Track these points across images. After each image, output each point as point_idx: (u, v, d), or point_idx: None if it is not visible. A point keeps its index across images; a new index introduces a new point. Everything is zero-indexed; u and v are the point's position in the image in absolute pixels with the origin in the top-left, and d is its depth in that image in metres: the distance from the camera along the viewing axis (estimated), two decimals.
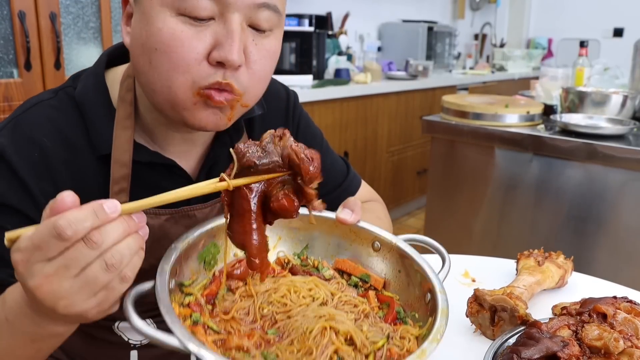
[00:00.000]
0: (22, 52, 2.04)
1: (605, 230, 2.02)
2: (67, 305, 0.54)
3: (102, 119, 0.82)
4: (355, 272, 0.78)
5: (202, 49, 0.70)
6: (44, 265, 0.53)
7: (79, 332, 0.71)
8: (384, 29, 4.64)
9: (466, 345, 0.83)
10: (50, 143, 0.79)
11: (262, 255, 0.64)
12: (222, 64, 0.71)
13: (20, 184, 0.76)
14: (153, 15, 0.70)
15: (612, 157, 1.94)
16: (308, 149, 0.63)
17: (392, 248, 0.77)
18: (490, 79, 4.84)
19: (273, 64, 0.78)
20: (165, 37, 0.69)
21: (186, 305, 0.66)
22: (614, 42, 5.75)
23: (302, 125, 1.06)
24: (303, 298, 0.69)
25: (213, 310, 0.68)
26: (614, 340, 0.70)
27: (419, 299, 0.72)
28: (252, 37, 0.73)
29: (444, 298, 0.67)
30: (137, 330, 0.53)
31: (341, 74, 3.50)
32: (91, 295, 0.55)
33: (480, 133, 2.26)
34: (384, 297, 0.75)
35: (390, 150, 3.80)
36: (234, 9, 0.70)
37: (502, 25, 6.40)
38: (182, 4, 0.69)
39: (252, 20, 0.72)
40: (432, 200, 2.56)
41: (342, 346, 0.63)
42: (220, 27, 0.70)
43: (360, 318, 0.70)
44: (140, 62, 0.74)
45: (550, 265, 0.98)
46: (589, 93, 2.27)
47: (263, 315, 0.67)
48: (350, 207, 0.78)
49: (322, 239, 0.81)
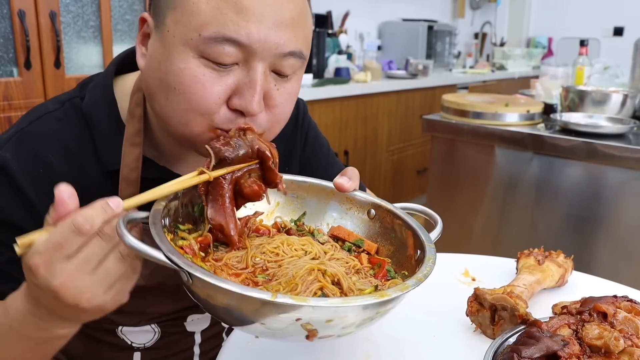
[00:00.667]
0: (21, 51, 2.04)
1: (606, 229, 2.02)
2: (89, 299, 0.58)
3: (110, 134, 0.81)
4: (350, 238, 0.79)
5: (222, 94, 0.69)
6: (66, 264, 0.56)
7: (81, 335, 0.72)
8: (384, 27, 4.64)
9: (466, 344, 0.83)
10: (56, 159, 0.78)
11: (235, 235, 0.70)
12: (241, 111, 0.70)
13: (24, 200, 0.75)
14: (175, 53, 0.69)
15: (612, 156, 1.94)
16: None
17: (386, 214, 0.79)
18: (491, 78, 4.84)
19: (293, 104, 0.78)
20: (186, 79, 0.68)
21: (179, 247, 0.66)
22: (614, 41, 5.75)
23: (310, 135, 1.06)
24: (295, 251, 0.70)
25: (205, 257, 0.68)
26: (614, 339, 0.69)
27: (409, 258, 0.73)
28: (275, 82, 0.73)
29: (432, 249, 0.68)
30: (128, 244, 0.55)
31: (341, 73, 3.50)
32: (109, 286, 0.59)
33: (480, 132, 2.26)
34: (376, 259, 0.76)
35: (391, 149, 3.80)
36: (259, 58, 0.69)
37: (502, 24, 6.40)
38: (206, 49, 0.67)
39: (276, 67, 0.71)
40: (432, 199, 2.56)
41: (328, 285, 0.64)
42: (243, 74, 0.69)
43: (351, 272, 0.70)
44: (156, 94, 0.73)
45: (551, 264, 0.98)
46: (589, 92, 2.27)
47: (255, 264, 0.68)
48: (348, 175, 0.79)
49: (319, 207, 0.82)
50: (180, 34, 0.68)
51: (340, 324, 0.58)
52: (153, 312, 0.88)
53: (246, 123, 0.71)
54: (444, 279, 1.02)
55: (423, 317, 0.89)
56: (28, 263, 0.57)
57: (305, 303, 0.53)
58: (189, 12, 0.67)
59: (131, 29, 2.43)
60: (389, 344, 0.81)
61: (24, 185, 0.75)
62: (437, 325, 0.87)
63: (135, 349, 0.92)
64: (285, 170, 0.99)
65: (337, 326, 0.58)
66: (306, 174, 1.04)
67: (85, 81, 0.87)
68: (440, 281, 1.01)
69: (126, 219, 0.58)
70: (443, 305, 0.92)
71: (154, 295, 0.86)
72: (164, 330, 0.92)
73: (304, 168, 1.04)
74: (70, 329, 0.66)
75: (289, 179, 0.81)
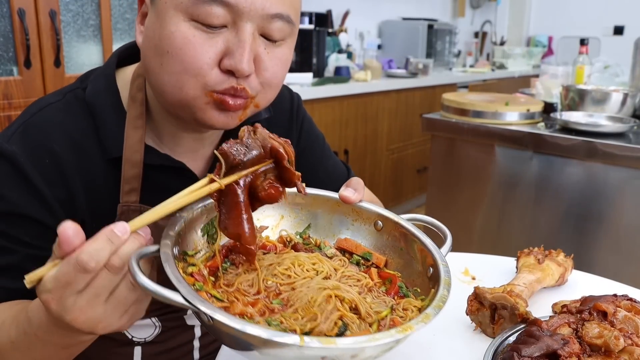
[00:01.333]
0: (21, 49, 2.04)
1: (606, 228, 2.02)
2: (104, 327, 0.59)
3: (113, 122, 0.82)
4: (357, 251, 0.79)
5: (213, 55, 0.71)
6: (76, 299, 0.56)
7: None
8: (384, 26, 4.63)
9: (466, 343, 0.83)
10: (60, 148, 0.79)
11: (255, 242, 0.68)
12: (232, 72, 0.71)
13: (35, 192, 0.76)
14: (167, 18, 0.71)
15: (612, 155, 1.94)
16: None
17: (394, 227, 0.78)
18: (491, 76, 4.83)
19: (285, 71, 0.79)
20: (177, 41, 0.70)
21: (189, 274, 0.66)
22: (615, 40, 5.74)
23: (305, 128, 1.07)
24: (307, 271, 0.69)
25: (216, 282, 0.68)
26: (614, 338, 0.70)
27: (420, 274, 0.73)
28: (264, 45, 0.74)
29: (446, 270, 0.68)
30: (143, 287, 0.54)
31: (341, 72, 3.50)
32: (124, 312, 0.59)
33: (480, 131, 2.26)
34: (386, 274, 0.75)
35: (391, 148, 3.80)
36: (247, 19, 0.70)
37: (503, 23, 6.39)
38: (195, 11, 0.69)
39: (264, 30, 0.73)
40: (432, 198, 2.56)
41: (347, 313, 0.63)
42: (232, 35, 0.71)
43: (364, 291, 0.70)
44: (151, 63, 0.74)
45: (551, 263, 0.98)
46: (589, 91, 2.27)
47: (267, 287, 0.67)
48: (353, 186, 0.79)
49: (325, 219, 0.81)
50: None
51: (363, 356, 0.58)
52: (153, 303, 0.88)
53: (239, 84, 0.72)
54: None
55: None
56: (40, 297, 0.58)
57: (334, 346, 0.53)
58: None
59: (131, 27, 2.42)
60: None
61: (34, 177, 0.76)
62: (436, 324, 0.87)
63: (136, 344, 0.92)
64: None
65: (359, 358, 0.58)
66: (301, 166, 1.04)
67: (86, 74, 0.88)
68: None
69: (138, 257, 0.57)
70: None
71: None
72: (164, 324, 0.92)
73: (298, 160, 1.04)
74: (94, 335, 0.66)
75: (292, 191, 0.79)
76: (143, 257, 0.58)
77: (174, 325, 0.93)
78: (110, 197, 0.81)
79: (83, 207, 0.80)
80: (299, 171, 1.06)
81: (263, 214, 0.80)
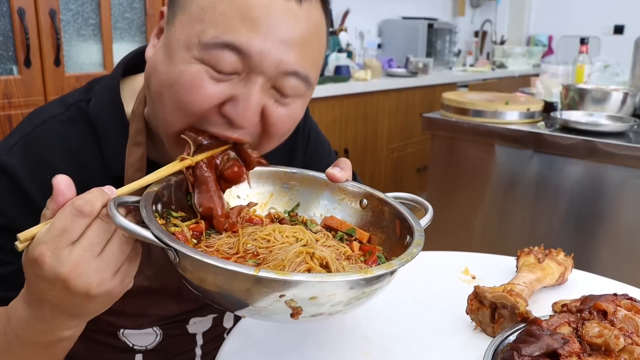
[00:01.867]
0: (21, 49, 2.04)
1: (606, 228, 2.02)
2: (99, 283, 0.58)
3: (116, 138, 0.80)
4: (342, 228, 0.80)
5: (217, 97, 0.67)
6: (72, 249, 0.57)
7: (83, 337, 0.72)
8: (384, 26, 4.63)
9: (466, 342, 0.83)
10: (62, 164, 0.77)
11: (226, 215, 0.72)
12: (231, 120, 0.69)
13: (33, 207, 0.74)
14: (177, 56, 0.68)
15: (612, 155, 1.94)
16: None
17: (378, 203, 0.79)
18: (491, 76, 4.83)
19: (292, 127, 0.76)
20: (184, 80, 0.67)
21: (171, 233, 0.66)
22: (615, 39, 5.74)
23: (312, 137, 1.04)
24: (286, 237, 0.70)
25: (197, 244, 0.69)
26: (615, 337, 0.69)
27: (400, 245, 0.73)
28: (274, 99, 0.70)
29: (420, 234, 0.69)
30: (119, 225, 0.57)
31: (341, 71, 3.49)
32: (116, 270, 0.60)
33: (480, 130, 2.26)
34: (367, 247, 0.76)
35: (391, 147, 3.80)
36: (259, 72, 0.66)
37: (503, 23, 6.39)
38: (206, 55, 0.66)
39: (277, 84, 0.69)
40: (432, 197, 2.56)
41: (316, 267, 0.63)
42: (241, 85, 0.67)
43: (342, 259, 0.71)
44: (152, 87, 0.72)
45: (551, 263, 0.98)
46: (589, 90, 2.27)
47: (246, 250, 0.68)
48: (340, 165, 0.79)
49: (312, 198, 0.82)
50: (185, 38, 0.67)
51: (325, 302, 0.58)
52: (155, 315, 0.88)
53: (237, 138, 0.70)
54: (444, 277, 1.02)
55: (423, 315, 0.89)
56: (33, 254, 0.57)
57: (287, 277, 0.53)
58: (197, 19, 0.66)
59: (131, 27, 2.42)
60: (388, 342, 0.81)
61: (32, 192, 0.75)
62: (437, 323, 0.87)
63: (137, 351, 0.91)
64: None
65: (322, 304, 0.57)
66: None
67: (92, 83, 0.86)
68: (440, 279, 1.01)
69: (117, 202, 0.59)
70: (443, 303, 0.92)
71: (157, 297, 0.86)
72: (166, 332, 0.91)
73: (306, 167, 1.04)
74: (75, 328, 0.65)
75: (281, 171, 0.82)
76: (122, 203, 0.61)
77: (176, 333, 0.93)
78: None
79: None
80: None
81: (253, 191, 0.81)
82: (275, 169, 0.82)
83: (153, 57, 0.73)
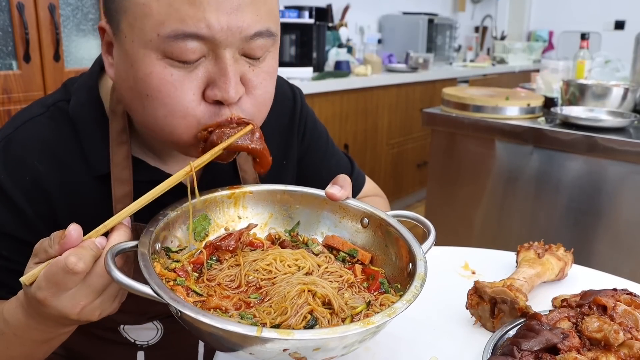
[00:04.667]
0: (21, 44, 2.03)
1: (606, 223, 2.02)
2: (100, 313, 0.64)
3: (97, 137, 0.78)
4: (344, 248, 0.79)
5: (195, 89, 0.66)
6: (73, 295, 0.60)
7: (85, 333, 0.73)
8: (384, 21, 4.62)
9: (466, 337, 0.83)
10: (44, 167, 0.76)
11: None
12: (220, 101, 0.67)
13: (14, 209, 0.74)
14: (137, 58, 0.65)
15: (613, 150, 1.94)
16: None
17: (379, 224, 0.78)
18: (491, 71, 4.83)
19: (274, 82, 0.75)
20: (154, 83, 0.65)
21: (172, 269, 0.66)
22: (615, 34, 5.73)
23: (309, 126, 1.03)
24: (288, 267, 0.70)
25: (199, 278, 0.69)
26: (614, 332, 0.70)
27: (402, 271, 0.73)
28: (248, 64, 0.69)
29: (422, 265, 0.68)
30: (117, 281, 0.57)
31: (341, 66, 3.49)
32: (115, 298, 0.65)
33: (480, 125, 2.26)
34: (369, 270, 0.76)
35: (391, 142, 3.80)
36: (225, 46, 0.65)
37: (503, 18, 6.37)
38: (167, 48, 0.63)
39: (246, 50, 0.67)
40: (432, 192, 2.56)
41: (318, 307, 0.64)
42: (211, 64, 0.66)
43: (344, 287, 0.70)
44: (132, 104, 0.70)
45: (550, 258, 0.98)
46: (590, 86, 2.26)
47: (248, 282, 0.68)
48: (339, 183, 0.78)
49: (313, 216, 0.82)
50: (138, 38, 0.64)
51: (328, 350, 0.58)
52: (154, 311, 0.88)
53: (233, 114, 0.68)
54: (444, 272, 1.02)
55: (423, 310, 0.89)
56: (35, 296, 0.60)
57: (289, 337, 0.53)
58: (142, 14, 0.63)
59: None
60: (388, 337, 0.82)
61: (13, 194, 0.74)
62: (436, 318, 0.87)
63: (139, 347, 0.91)
64: (283, 164, 0.98)
65: (325, 352, 0.58)
66: (305, 165, 1.03)
67: (71, 81, 0.84)
68: (440, 274, 1.01)
69: (114, 252, 0.59)
70: (443, 298, 0.92)
71: None
72: (167, 327, 0.91)
73: (302, 159, 1.02)
74: (73, 326, 0.69)
75: (280, 189, 0.81)
76: (120, 252, 0.61)
77: (177, 328, 0.92)
78: (97, 212, 0.75)
79: (67, 223, 0.73)
80: (302, 172, 1.06)
81: (252, 211, 0.80)
82: (273, 188, 0.81)
83: (117, 74, 0.71)
